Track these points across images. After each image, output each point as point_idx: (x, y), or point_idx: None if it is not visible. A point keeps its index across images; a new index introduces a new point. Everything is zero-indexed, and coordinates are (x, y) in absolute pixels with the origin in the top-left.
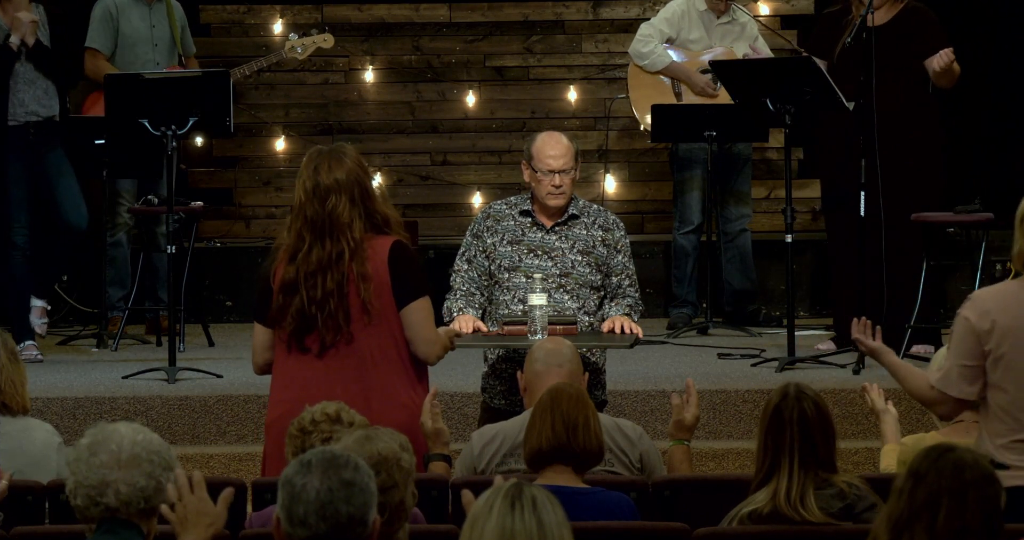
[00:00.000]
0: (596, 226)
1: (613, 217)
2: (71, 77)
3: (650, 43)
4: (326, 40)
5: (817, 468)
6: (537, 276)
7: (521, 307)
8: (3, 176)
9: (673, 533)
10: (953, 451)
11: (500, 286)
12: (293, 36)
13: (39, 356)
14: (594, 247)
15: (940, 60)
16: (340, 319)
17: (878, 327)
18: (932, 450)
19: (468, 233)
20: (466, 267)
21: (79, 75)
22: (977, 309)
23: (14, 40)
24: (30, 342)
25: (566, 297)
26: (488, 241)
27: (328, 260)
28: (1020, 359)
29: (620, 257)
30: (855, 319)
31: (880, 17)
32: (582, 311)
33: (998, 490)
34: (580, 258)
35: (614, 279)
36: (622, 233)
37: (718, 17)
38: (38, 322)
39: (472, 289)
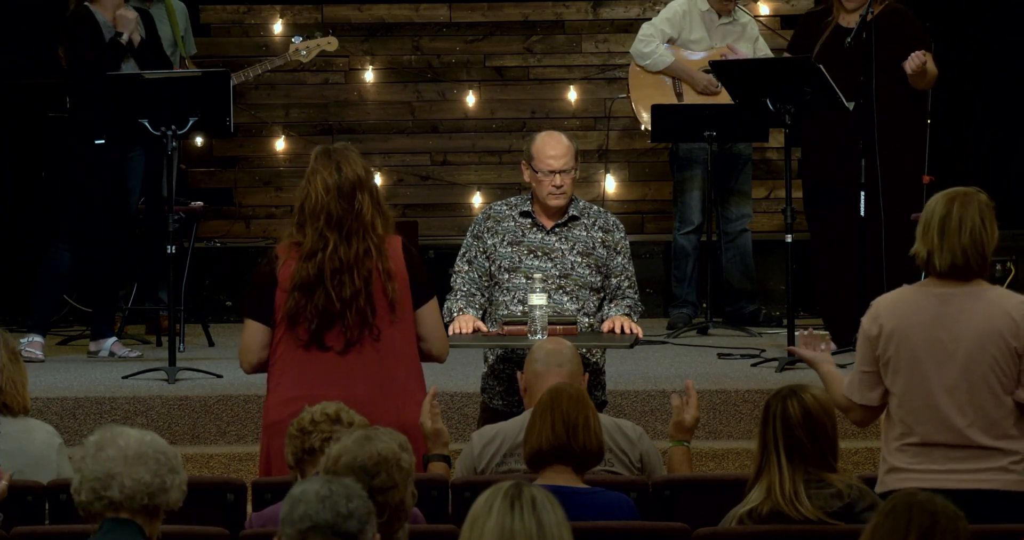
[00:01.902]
0: (596, 227)
1: (613, 218)
2: None
3: (651, 43)
4: (330, 43)
5: (805, 464)
6: (537, 276)
7: (521, 308)
8: (108, 176)
9: (673, 533)
10: (921, 493)
11: (500, 287)
12: (297, 38)
13: (40, 356)
14: (594, 248)
15: (911, 63)
16: (368, 315)
17: (827, 335)
18: (901, 493)
19: (468, 234)
20: (466, 268)
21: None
22: (870, 315)
23: (124, 37)
24: (38, 340)
25: (565, 298)
26: (488, 242)
27: (355, 258)
28: (905, 363)
29: (619, 258)
30: (799, 332)
31: (857, 18)
32: (582, 312)
33: (967, 527)
34: (580, 259)
35: (613, 281)
36: (622, 235)
37: (720, 17)
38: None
39: (472, 290)
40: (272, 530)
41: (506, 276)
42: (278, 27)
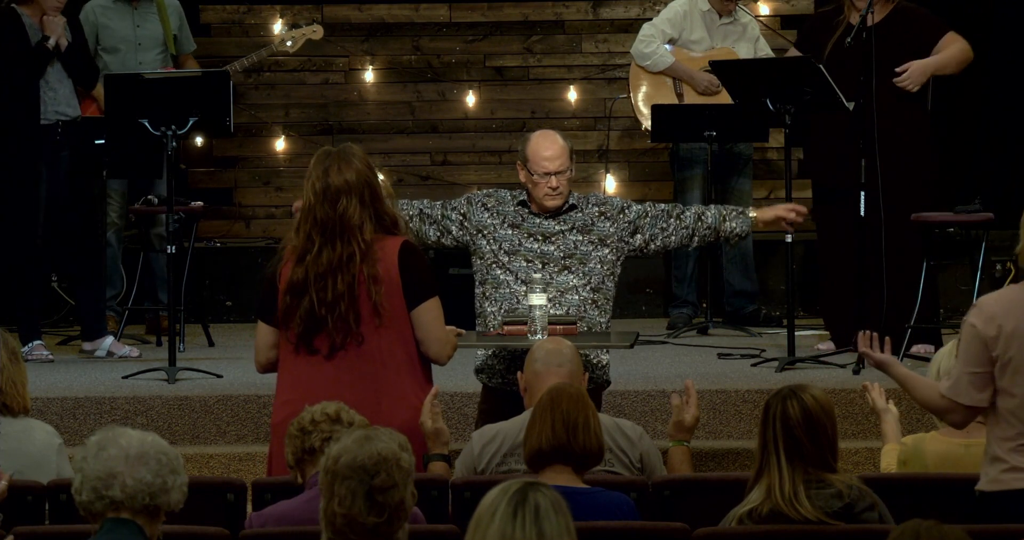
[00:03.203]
0: (591, 205)
1: (603, 195)
2: (92, 79)
3: (652, 43)
4: (315, 31)
5: (805, 465)
6: (536, 276)
7: (524, 289)
8: (33, 176)
9: (673, 533)
10: (928, 521)
11: (503, 267)
12: (282, 28)
13: (49, 356)
14: (593, 224)
15: (909, 82)
16: (351, 321)
17: (887, 338)
18: (908, 522)
19: (462, 198)
20: (437, 205)
21: (96, 78)
22: (983, 315)
23: (51, 41)
24: (38, 342)
25: (571, 277)
26: (488, 221)
27: (339, 262)
28: None
29: (635, 207)
30: (861, 332)
31: (869, 19)
32: (587, 287)
33: None
34: (581, 237)
35: (651, 219)
36: (617, 198)
37: (721, 17)
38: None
39: (424, 205)
40: (273, 530)
41: (507, 258)
42: (278, 27)
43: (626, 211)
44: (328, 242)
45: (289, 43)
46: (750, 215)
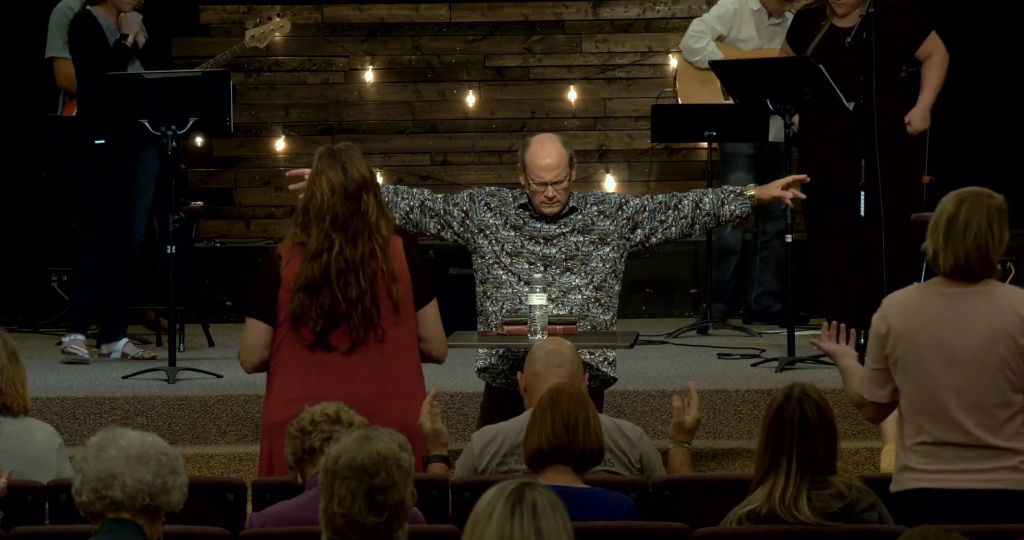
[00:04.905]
0: (589, 205)
1: (601, 193)
2: None
3: (702, 39)
4: (283, 26)
5: (814, 472)
6: (537, 276)
7: (526, 289)
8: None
9: (673, 533)
10: (934, 528)
11: (504, 268)
12: (248, 24)
13: (84, 355)
14: (594, 224)
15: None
16: (373, 316)
17: (852, 331)
18: (915, 530)
19: (464, 193)
20: (438, 197)
21: None
22: (879, 313)
23: (129, 38)
24: (79, 337)
25: (573, 277)
26: (490, 221)
27: (361, 259)
28: (913, 362)
29: (632, 202)
30: (825, 324)
31: (851, 19)
32: (590, 286)
33: None
34: (582, 238)
35: (648, 213)
36: (615, 194)
37: (770, 17)
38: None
39: (426, 195)
40: (273, 530)
41: (509, 260)
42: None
43: (624, 207)
44: (350, 240)
45: (260, 39)
46: (748, 194)
